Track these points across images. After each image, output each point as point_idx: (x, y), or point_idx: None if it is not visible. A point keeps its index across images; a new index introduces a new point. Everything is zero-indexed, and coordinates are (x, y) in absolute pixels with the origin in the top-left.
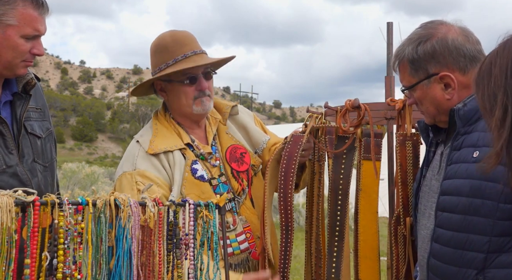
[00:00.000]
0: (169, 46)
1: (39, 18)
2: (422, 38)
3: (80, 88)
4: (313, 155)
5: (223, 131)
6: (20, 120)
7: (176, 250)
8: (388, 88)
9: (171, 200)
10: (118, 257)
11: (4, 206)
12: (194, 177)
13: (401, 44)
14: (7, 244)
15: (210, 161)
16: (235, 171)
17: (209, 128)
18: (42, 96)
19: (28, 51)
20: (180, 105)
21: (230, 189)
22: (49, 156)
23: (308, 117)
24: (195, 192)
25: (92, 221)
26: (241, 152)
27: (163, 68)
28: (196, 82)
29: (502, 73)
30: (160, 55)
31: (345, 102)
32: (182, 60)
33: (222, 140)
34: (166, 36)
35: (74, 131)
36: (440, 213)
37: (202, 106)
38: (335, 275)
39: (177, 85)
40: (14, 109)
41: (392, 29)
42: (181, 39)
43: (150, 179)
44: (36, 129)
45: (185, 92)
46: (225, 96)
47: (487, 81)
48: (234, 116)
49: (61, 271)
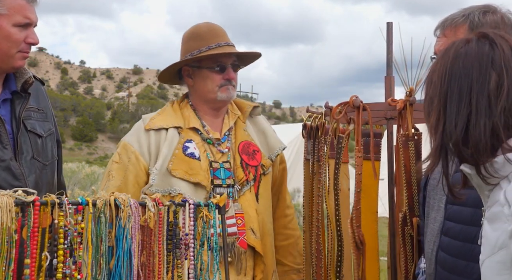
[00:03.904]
0: (204, 34)
1: (27, 6)
2: (489, 9)
3: (80, 88)
4: (313, 155)
5: (241, 127)
6: (19, 118)
7: (176, 250)
8: (388, 88)
9: (171, 200)
10: (118, 257)
11: (4, 206)
12: (184, 154)
13: (462, 9)
14: (7, 244)
15: (217, 146)
16: (245, 162)
17: (226, 120)
18: (46, 99)
19: (22, 40)
20: (206, 90)
21: (231, 176)
22: (49, 155)
23: (307, 117)
24: (183, 168)
25: (92, 221)
26: (253, 149)
27: (195, 54)
28: (225, 71)
29: (439, 80)
30: (194, 41)
31: (350, 98)
32: (216, 48)
33: (238, 134)
34: (202, 25)
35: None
36: (450, 206)
37: (227, 93)
38: (339, 274)
39: (206, 71)
40: (13, 107)
41: (392, 29)
42: (216, 29)
43: (130, 151)
44: (37, 128)
45: (213, 78)
46: None
47: (428, 87)
48: (255, 119)
49: (61, 271)
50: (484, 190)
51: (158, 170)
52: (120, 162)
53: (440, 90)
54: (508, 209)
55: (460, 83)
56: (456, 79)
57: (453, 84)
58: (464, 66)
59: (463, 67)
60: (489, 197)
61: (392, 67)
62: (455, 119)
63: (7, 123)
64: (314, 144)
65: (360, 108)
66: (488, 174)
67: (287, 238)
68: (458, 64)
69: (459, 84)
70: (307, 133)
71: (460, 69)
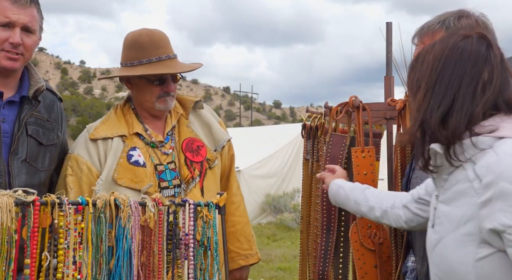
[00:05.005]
0: (145, 45)
1: (11, 7)
2: (463, 13)
3: (80, 88)
4: (312, 155)
5: (184, 124)
6: (22, 121)
7: (176, 250)
8: (388, 88)
9: (171, 200)
10: (118, 257)
11: (4, 206)
12: (129, 162)
13: (437, 16)
14: (7, 244)
15: (160, 149)
16: (189, 160)
17: (169, 120)
18: (59, 113)
19: (5, 40)
20: (144, 100)
21: (177, 176)
22: (46, 162)
23: (307, 117)
24: (128, 176)
25: (92, 221)
26: (198, 145)
27: (135, 64)
28: (164, 84)
29: (434, 62)
30: (135, 51)
31: (349, 98)
32: (156, 62)
33: (181, 131)
34: (144, 34)
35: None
36: None
37: (164, 104)
38: (342, 275)
39: (145, 83)
40: (21, 110)
41: (391, 29)
42: (157, 40)
43: (81, 163)
44: (40, 135)
45: (151, 90)
46: (225, 96)
47: (420, 68)
48: (199, 113)
49: (61, 271)
50: (443, 173)
51: (103, 180)
52: (74, 174)
53: (432, 71)
54: (479, 183)
55: (453, 71)
56: (451, 66)
57: (446, 69)
58: (461, 58)
59: (460, 58)
60: (447, 180)
61: (392, 67)
62: (440, 100)
63: (7, 123)
64: (314, 144)
65: (360, 108)
66: (454, 155)
67: (234, 225)
68: (456, 54)
69: (452, 71)
70: (307, 133)
71: (457, 58)
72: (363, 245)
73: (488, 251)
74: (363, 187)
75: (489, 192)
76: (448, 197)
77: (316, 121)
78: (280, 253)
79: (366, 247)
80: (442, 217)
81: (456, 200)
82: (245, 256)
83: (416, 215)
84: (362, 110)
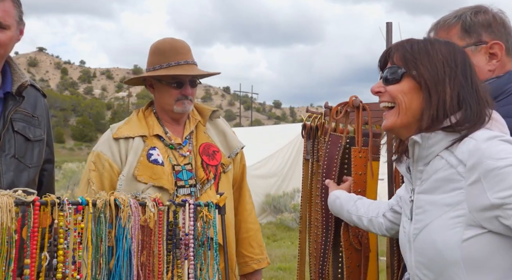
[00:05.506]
0: (167, 51)
1: None
2: (480, 9)
3: (80, 88)
4: (312, 155)
5: (201, 130)
6: (7, 117)
7: (176, 250)
8: None
9: (171, 200)
10: (118, 257)
11: (4, 206)
12: (148, 160)
13: (454, 11)
14: (7, 244)
15: (179, 151)
16: (205, 163)
17: (188, 125)
18: (43, 108)
19: None
20: (164, 102)
21: (193, 177)
22: (35, 159)
23: (307, 117)
24: (147, 174)
25: (92, 221)
26: (213, 150)
27: (157, 69)
28: (182, 87)
29: (448, 55)
30: (157, 57)
31: (349, 98)
32: (175, 66)
33: (199, 137)
34: (167, 41)
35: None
36: None
37: (182, 107)
38: (341, 275)
39: (165, 85)
40: (5, 107)
41: (391, 29)
42: (178, 47)
43: (103, 159)
44: (26, 131)
45: (170, 93)
46: (225, 96)
47: (433, 52)
48: (215, 122)
49: (60, 271)
50: (419, 165)
51: (125, 176)
52: (96, 170)
53: (444, 62)
54: (463, 167)
55: (462, 68)
56: (459, 64)
57: (456, 64)
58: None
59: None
60: (423, 171)
61: None
62: (448, 88)
63: None
64: (314, 144)
65: (360, 108)
66: (430, 145)
67: (247, 231)
68: (464, 57)
69: (461, 68)
70: (307, 133)
71: (466, 59)
72: (352, 244)
73: (474, 232)
74: (356, 198)
75: (475, 174)
76: (429, 187)
77: (316, 121)
78: (280, 253)
79: (354, 246)
80: (425, 206)
81: (440, 187)
82: (257, 261)
83: (392, 223)
84: (362, 110)
